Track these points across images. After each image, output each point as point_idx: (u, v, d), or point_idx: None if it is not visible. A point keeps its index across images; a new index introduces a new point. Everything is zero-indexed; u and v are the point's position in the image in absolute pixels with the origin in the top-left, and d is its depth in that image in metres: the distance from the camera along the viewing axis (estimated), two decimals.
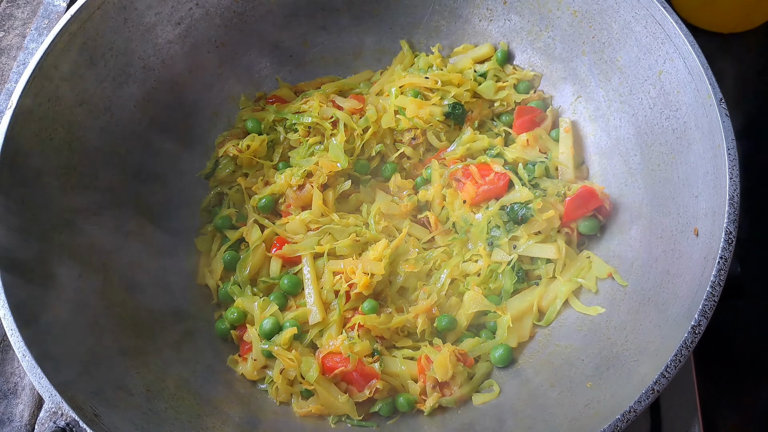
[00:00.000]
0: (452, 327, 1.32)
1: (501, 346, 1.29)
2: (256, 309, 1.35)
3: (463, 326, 1.33)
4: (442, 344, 1.30)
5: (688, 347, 0.99)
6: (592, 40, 1.45)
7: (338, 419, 1.27)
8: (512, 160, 1.45)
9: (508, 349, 1.29)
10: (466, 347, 1.30)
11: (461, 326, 1.33)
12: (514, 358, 1.31)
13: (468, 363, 1.28)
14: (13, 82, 1.65)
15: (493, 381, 1.28)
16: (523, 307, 1.33)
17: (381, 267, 1.32)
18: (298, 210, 1.45)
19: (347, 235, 1.39)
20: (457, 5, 1.63)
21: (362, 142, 1.51)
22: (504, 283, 1.35)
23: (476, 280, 1.35)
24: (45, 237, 1.20)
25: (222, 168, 1.54)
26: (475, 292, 1.33)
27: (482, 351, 1.31)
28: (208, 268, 1.46)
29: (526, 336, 1.32)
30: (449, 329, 1.32)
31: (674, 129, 1.26)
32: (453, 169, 1.45)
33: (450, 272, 1.36)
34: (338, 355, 1.26)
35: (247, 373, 1.32)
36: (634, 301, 1.22)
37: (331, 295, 1.34)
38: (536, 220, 1.34)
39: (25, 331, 1.04)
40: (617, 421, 0.96)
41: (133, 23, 1.42)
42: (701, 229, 1.12)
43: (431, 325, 1.32)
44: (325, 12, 1.66)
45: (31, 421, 1.30)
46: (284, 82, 1.68)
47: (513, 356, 1.31)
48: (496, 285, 1.36)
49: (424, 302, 1.32)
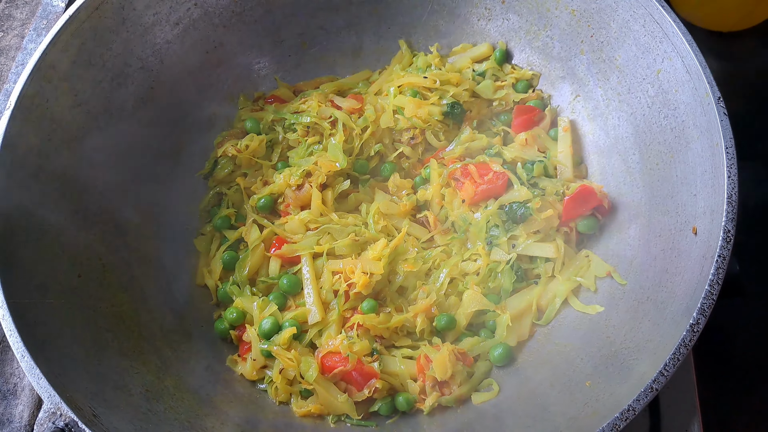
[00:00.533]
0: (451, 326, 1.32)
1: (500, 345, 1.29)
2: (255, 309, 1.35)
3: (462, 325, 1.33)
4: (442, 343, 1.30)
5: (686, 345, 0.99)
6: (591, 39, 1.45)
7: (338, 419, 1.27)
8: (511, 159, 1.45)
9: (507, 348, 1.29)
10: (465, 346, 1.30)
11: (460, 325, 1.33)
12: (514, 357, 1.31)
13: (467, 362, 1.28)
14: (11, 83, 1.65)
15: (492, 380, 1.28)
16: (523, 306, 1.33)
17: (380, 266, 1.32)
18: (297, 210, 1.45)
19: (346, 235, 1.39)
20: (456, 5, 1.63)
21: (361, 141, 1.51)
22: (503, 282, 1.35)
23: (475, 280, 1.35)
24: (44, 237, 1.20)
25: (221, 168, 1.54)
26: (474, 292, 1.33)
27: (481, 350, 1.31)
28: (207, 269, 1.46)
29: (526, 335, 1.32)
30: (448, 329, 1.32)
31: (673, 128, 1.26)
32: (452, 168, 1.45)
33: (449, 272, 1.36)
34: (337, 354, 1.26)
35: (247, 373, 1.32)
36: (633, 299, 1.22)
37: (331, 295, 1.34)
38: (535, 219, 1.34)
39: (24, 331, 1.04)
40: (616, 419, 0.96)
41: (131, 23, 1.42)
42: (700, 228, 1.12)
43: (430, 324, 1.32)
44: (324, 12, 1.66)
45: (30, 421, 1.30)
46: (283, 82, 1.68)
47: (512, 355, 1.31)
48: (495, 284, 1.36)
49: (423, 301, 1.33)
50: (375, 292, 1.35)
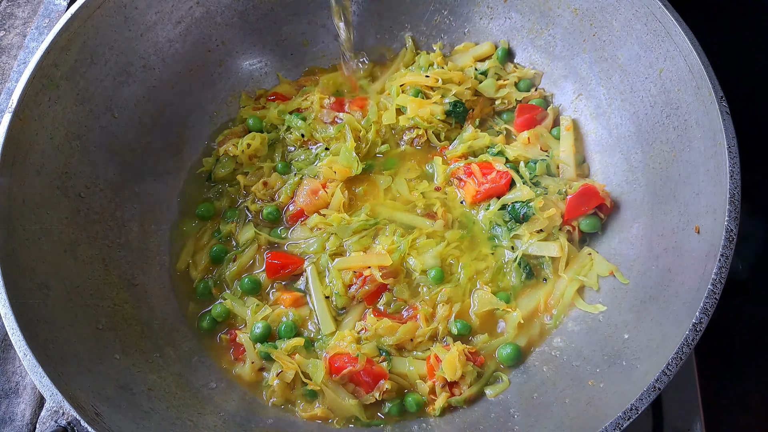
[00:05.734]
0: (467, 332, 1.31)
1: (509, 345, 1.28)
2: (249, 315, 1.34)
3: (475, 326, 1.32)
4: (452, 343, 1.28)
5: (689, 345, 0.99)
6: (593, 38, 1.45)
7: (345, 421, 1.24)
8: (513, 158, 1.45)
9: (516, 348, 1.28)
10: (477, 344, 1.29)
11: (475, 327, 1.32)
12: (522, 357, 1.29)
13: (478, 362, 1.27)
14: (13, 81, 1.65)
15: (500, 373, 1.28)
16: (532, 306, 1.33)
17: (389, 259, 1.33)
18: (312, 215, 1.44)
19: (353, 233, 1.39)
20: (458, 3, 1.63)
21: (368, 144, 1.51)
22: (512, 281, 1.35)
23: (485, 278, 1.35)
24: (46, 236, 1.20)
25: (222, 166, 1.54)
26: (485, 291, 1.33)
27: (491, 348, 1.30)
28: (191, 258, 1.44)
29: (537, 338, 1.31)
30: (464, 334, 1.31)
31: (675, 127, 1.26)
32: (455, 167, 1.45)
33: (466, 272, 1.36)
34: (346, 355, 1.24)
35: (245, 374, 1.30)
36: (636, 298, 1.22)
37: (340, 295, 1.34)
38: (537, 218, 1.35)
39: (26, 330, 1.04)
40: (619, 418, 0.96)
41: (133, 22, 1.42)
42: (702, 227, 1.12)
43: (447, 328, 1.32)
44: (326, 11, 1.65)
45: (32, 420, 1.30)
46: (285, 78, 1.68)
47: (521, 356, 1.29)
48: (504, 283, 1.35)
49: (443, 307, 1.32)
50: (387, 285, 1.34)
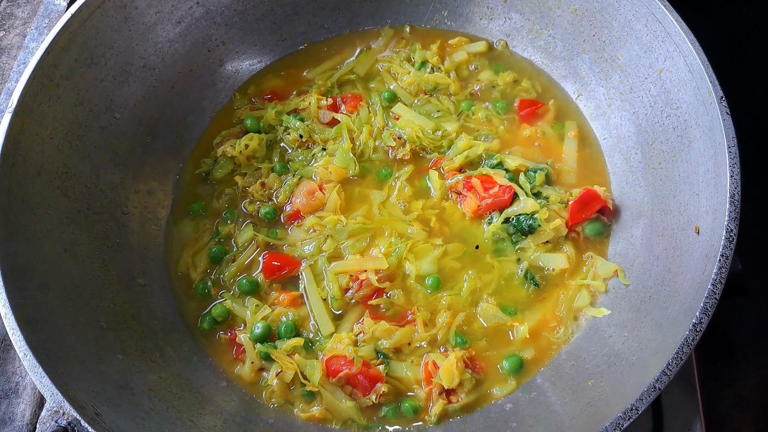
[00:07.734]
0: (467, 344, 1.29)
1: (511, 356, 1.25)
2: (248, 316, 1.33)
3: (479, 337, 1.29)
4: (451, 349, 1.26)
5: (689, 345, 0.99)
6: (593, 39, 1.45)
7: (342, 423, 1.24)
8: (514, 168, 1.41)
9: (518, 360, 1.25)
10: (476, 348, 1.27)
11: (477, 337, 1.30)
12: (525, 369, 1.26)
13: (477, 369, 1.25)
14: (13, 82, 1.65)
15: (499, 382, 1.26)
16: (539, 319, 1.30)
17: (385, 262, 1.32)
18: (308, 216, 1.44)
19: (349, 235, 1.38)
20: (458, 4, 1.63)
21: (363, 145, 1.51)
22: (518, 293, 1.32)
23: (489, 290, 1.32)
24: (46, 236, 1.20)
25: (220, 167, 1.53)
26: (489, 304, 1.30)
27: (493, 357, 1.27)
28: (191, 258, 1.44)
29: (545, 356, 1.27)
30: (464, 346, 1.29)
31: (675, 127, 1.26)
32: (453, 181, 1.42)
33: (469, 284, 1.32)
34: (343, 357, 1.23)
35: (245, 374, 1.30)
36: (636, 299, 1.22)
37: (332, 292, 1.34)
38: (544, 230, 1.32)
39: (26, 330, 1.04)
40: (619, 418, 0.96)
41: (133, 22, 1.42)
42: (702, 227, 1.12)
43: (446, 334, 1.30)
44: (326, 11, 1.66)
45: (32, 420, 1.30)
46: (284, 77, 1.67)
47: (524, 367, 1.26)
48: (510, 294, 1.32)
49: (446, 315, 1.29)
50: (384, 289, 1.32)
